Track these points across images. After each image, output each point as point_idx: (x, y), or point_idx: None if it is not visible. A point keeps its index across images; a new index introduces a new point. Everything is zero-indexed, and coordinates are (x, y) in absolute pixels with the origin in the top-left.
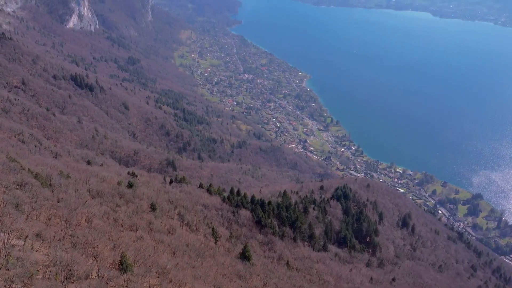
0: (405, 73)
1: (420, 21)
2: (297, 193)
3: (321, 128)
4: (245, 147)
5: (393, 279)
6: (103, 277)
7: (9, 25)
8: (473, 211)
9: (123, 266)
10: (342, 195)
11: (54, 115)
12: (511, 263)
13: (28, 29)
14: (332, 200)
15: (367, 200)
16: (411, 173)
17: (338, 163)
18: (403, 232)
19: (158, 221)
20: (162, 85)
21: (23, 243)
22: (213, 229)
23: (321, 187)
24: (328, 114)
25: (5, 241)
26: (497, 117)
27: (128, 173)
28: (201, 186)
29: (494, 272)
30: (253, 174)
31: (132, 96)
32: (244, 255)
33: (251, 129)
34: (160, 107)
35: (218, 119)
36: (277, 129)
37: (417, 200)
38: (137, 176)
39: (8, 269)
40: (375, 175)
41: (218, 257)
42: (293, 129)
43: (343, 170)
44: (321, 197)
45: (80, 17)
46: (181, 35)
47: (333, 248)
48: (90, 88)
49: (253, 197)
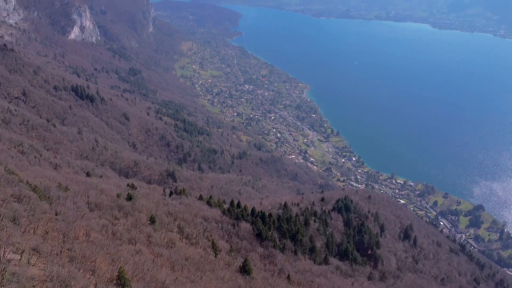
0: (405, 84)
1: (419, 32)
2: (297, 205)
3: (322, 138)
4: (245, 158)
5: None
6: None
7: (11, 37)
8: (475, 223)
9: (121, 281)
10: (343, 207)
11: (55, 126)
12: None
13: (30, 40)
14: (333, 212)
15: (369, 212)
16: (412, 184)
17: (338, 174)
18: (405, 244)
19: (157, 234)
20: (162, 96)
21: (19, 257)
22: (213, 242)
23: (322, 199)
24: (328, 125)
25: (1, 255)
26: (497, 128)
27: (128, 185)
28: (201, 198)
29: (497, 285)
30: (254, 185)
31: (133, 107)
32: (245, 269)
33: (251, 140)
34: (160, 118)
35: (219, 130)
36: (277, 140)
37: (418, 212)
38: (136, 188)
39: (3, 285)
40: (376, 186)
41: (218, 271)
42: (294, 139)
43: (344, 181)
44: (322, 209)
45: (82, 28)
46: (182, 46)
47: (334, 261)
48: (91, 99)
49: (253, 209)
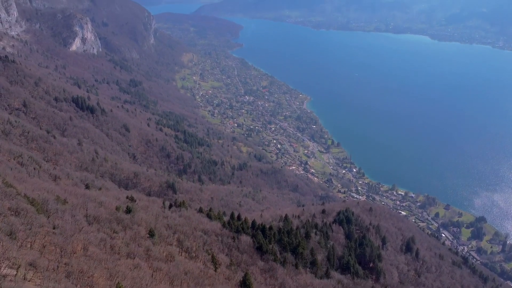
0: (405, 95)
1: (419, 44)
2: (298, 217)
3: (322, 150)
4: (245, 169)
5: None
6: None
7: (13, 48)
8: (477, 235)
9: None
10: (345, 219)
11: (55, 137)
12: None
13: (32, 52)
14: (334, 225)
15: (370, 224)
16: (413, 195)
17: (339, 185)
18: (407, 257)
19: (156, 248)
20: (163, 107)
21: (15, 272)
22: (212, 256)
23: (323, 211)
24: (329, 136)
25: None
26: (497, 139)
27: (127, 197)
28: (201, 210)
29: None
30: (254, 197)
31: (133, 118)
32: (245, 283)
33: (252, 151)
34: (161, 129)
35: (219, 141)
36: (278, 151)
37: (420, 223)
38: (135, 201)
39: None
40: (377, 197)
41: (217, 285)
42: (294, 151)
43: (344, 193)
44: (323, 221)
45: (83, 40)
46: (183, 57)
47: (335, 275)
48: (91, 110)
49: (254, 222)
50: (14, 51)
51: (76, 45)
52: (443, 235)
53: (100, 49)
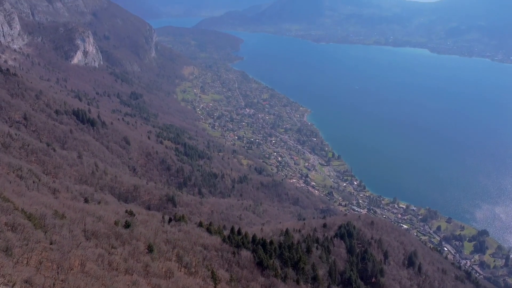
0: (406, 108)
1: (418, 57)
2: (299, 231)
3: (323, 162)
4: (246, 182)
5: None
6: None
7: (15, 61)
8: (479, 248)
9: None
10: (346, 233)
11: (54, 150)
12: None
13: (34, 65)
14: (335, 239)
15: (372, 238)
16: (414, 208)
17: (340, 198)
18: (409, 272)
19: (155, 264)
20: (163, 119)
21: None
22: (212, 272)
23: (324, 225)
24: (329, 149)
25: None
26: (498, 151)
27: (126, 211)
28: (200, 224)
29: None
30: (254, 210)
31: (134, 131)
32: None
33: (252, 163)
34: (161, 142)
35: (219, 153)
36: (278, 164)
37: (422, 237)
38: (134, 215)
39: None
40: (378, 210)
41: None
42: (295, 163)
43: (345, 206)
44: (324, 235)
45: (85, 53)
46: (183, 70)
47: None
48: (92, 123)
49: (254, 237)
50: (16, 64)
51: (77, 58)
52: (445, 249)
53: (102, 62)
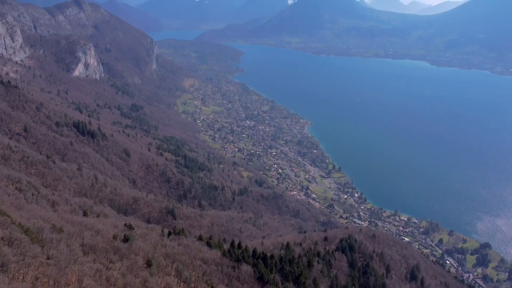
0: (406, 120)
1: (418, 69)
2: (300, 244)
3: (323, 174)
4: (246, 194)
5: None
6: None
7: (16, 73)
8: (482, 262)
9: None
10: (348, 246)
11: (54, 162)
12: None
13: (35, 77)
14: (337, 252)
15: (373, 251)
16: (416, 221)
17: (341, 210)
18: (412, 286)
19: (154, 279)
20: (164, 131)
21: None
22: (212, 287)
23: (325, 238)
24: (330, 161)
25: None
26: (499, 163)
27: (125, 224)
28: (200, 238)
29: None
30: (255, 223)
31: (134, 143)
32: None
33: (252, 175)
34: (161, 154)
35: (220, 165)
36: (279, 176)
37: (423, 250)
38: (134, 229)
39: None
40: (379, 223)
41: None
42: (295, 175)
43: (346, 218)
44: (325, 249)
45: (86, 65)
46: (184, 82)
47: None
48: (92, 135)
49: (254, 251)
50: (17, 77)
51: (79, 70)
52: (448, 262)
53: (103, 74)
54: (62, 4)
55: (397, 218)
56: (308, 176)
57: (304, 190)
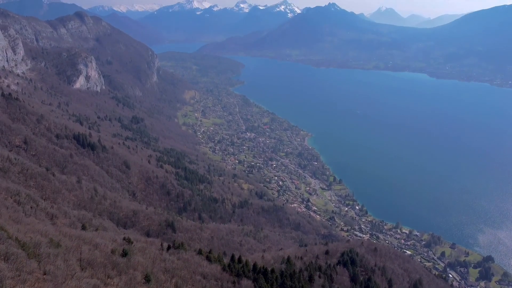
0: (406, 132)
1: (418, 81)
2: (301, 258)
3: (324, 187)
4: (246, 207)
5: None
6: None
7: (18, 86)
8: (485, 275)
9: None
10: (349, 260)
11: (54, 174)
12: None
13: (36, 89)
14: (338, 266)
15: (375, 265)
16: (417, 233)
17: (342, 223)
18: None
19: None
20: (164, 143)
21: None
22: None
23: (327, 252)
24: (330, 173)
25: None
26: (501, 175)
27: (124, 238)
28: (200, 252)
29: None
30: (255, 236)
31: (134, 155)
32: None
33: (253, 188)
34: (161, 166)
35: (220, 178)
36: (279, 188)
37: (426, 263)
38: (132, 243)
39: None
40: (380, 236)
41: None
42: (296, 188)
43: (347, 231)
44: (326, 263)
45: (87, 78)
46: (185, 95)
47: None
48: (92, 147)
49: (255, 265)
50: (18, 89)
51: (80, 82)
52: (451, 276)
53: (104, 87)
54: (64, 17)
55: (398, 230)
56: (308, 188)
57: (304, 202)
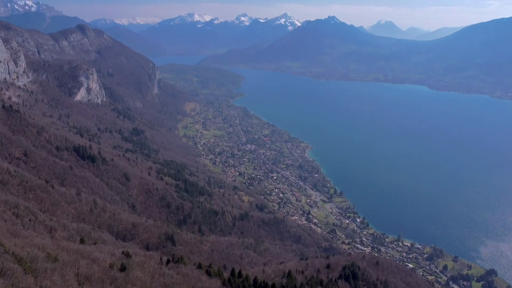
0: (407, 143)
1: (418, 93)
2: (302, 272)
3: (325, 199)
4: (247, 219)
5: None
6: None
7: (19, 98)
8: None
9: None
10: (351, 274)
11: (53, 187)
12: None
13: (37, 101)
14: (340, 280)
15: (377, 279)
16: (419, 246)
17: (343, 236)
18: None
19: None
20: (164, 155)
21: None
22: None
23: (328, 265)
24: (331, 185)
25: None
26: (502, 187)
27: (123, 252)
28: (200, 266)
29: None
30: (256, 249)
31: (134, 167)
32: None
33: (253, 200)
34: (161, 178)
35: (220, 190)
36: (280, 200)
37: (428, 277)
38: (131, 257)
39: None
40: (382, 249)
41: None
42: (296, 200)
43: (349, 244)
44: (328, 277)
45: (88, 90)
46: (185, 107)
47: None
48: (92, 159)
49: (255, 280)
50: (19, 101)
51: (81, 94)
52: None
53: (105, 99)
54: (66, 30)
55: (400, 243)
56: (309, 200)
57: (305, 215)
